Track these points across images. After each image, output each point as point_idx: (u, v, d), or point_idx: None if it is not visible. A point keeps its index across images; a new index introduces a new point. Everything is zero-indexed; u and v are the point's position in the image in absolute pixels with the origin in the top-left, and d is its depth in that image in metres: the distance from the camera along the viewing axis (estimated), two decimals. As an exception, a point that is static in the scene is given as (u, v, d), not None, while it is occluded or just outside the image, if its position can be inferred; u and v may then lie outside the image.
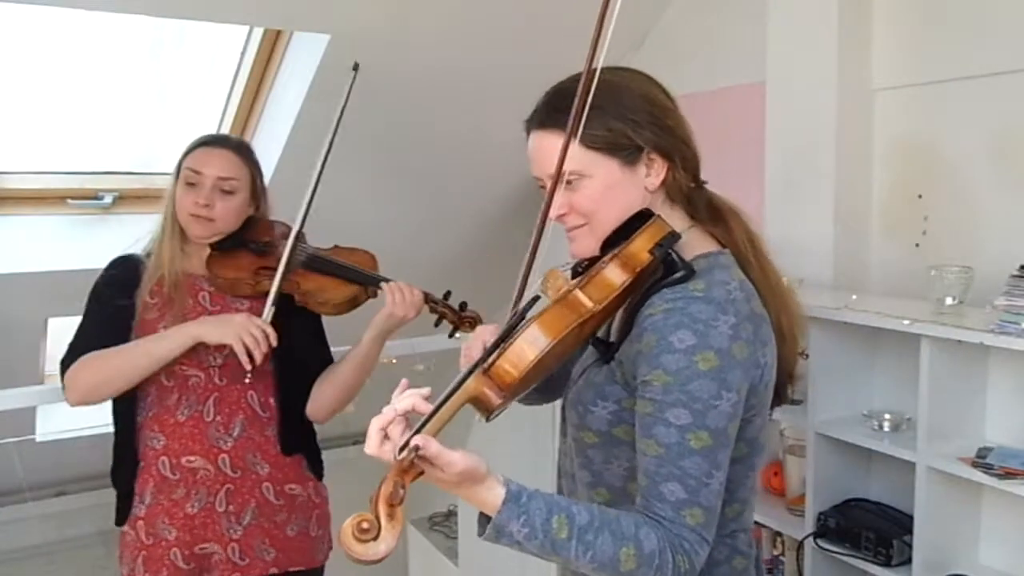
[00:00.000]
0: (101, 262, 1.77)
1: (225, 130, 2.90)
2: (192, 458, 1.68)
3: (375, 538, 0.87)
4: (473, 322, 1.84)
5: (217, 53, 2.83)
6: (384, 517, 0.88)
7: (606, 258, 1.08)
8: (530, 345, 0.98)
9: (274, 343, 1.63)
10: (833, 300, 1.97)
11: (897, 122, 2.15)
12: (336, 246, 1.85)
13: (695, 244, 1.14)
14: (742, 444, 1.11)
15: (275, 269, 1.71)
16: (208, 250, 1.74)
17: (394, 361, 2.16)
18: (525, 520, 0.97)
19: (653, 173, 1.12)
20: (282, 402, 1.76)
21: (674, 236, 1.08)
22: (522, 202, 3.48)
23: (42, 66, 2.76)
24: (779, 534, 2.15)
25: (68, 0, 2.16)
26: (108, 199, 2.88)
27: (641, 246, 1.06)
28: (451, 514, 4.07)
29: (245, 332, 1.60)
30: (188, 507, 1.68)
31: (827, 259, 2.17)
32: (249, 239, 1.76)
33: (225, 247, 1.74)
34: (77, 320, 1.74)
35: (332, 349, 1.85)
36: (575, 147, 1.09)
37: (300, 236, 1.79)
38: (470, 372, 0.99)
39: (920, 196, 2.10)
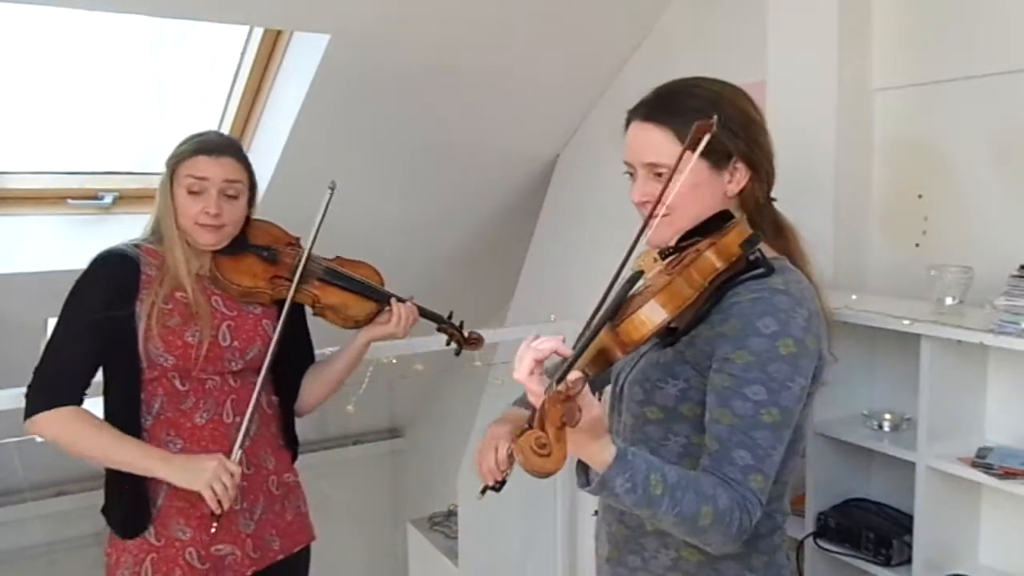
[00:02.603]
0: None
1: (225, 130, 2.90)
2: None
3: (548, 455, 0.94)
4: (477, 342, 1.97)
5: (217, 53, 2.83)
6: (554, 439, 0.95)
7: (701, 246, 1.17)
8: (654, 313, 1.09)
9: (238, 480, 1.59)
10: (833, 300, 1.96)
11: (897, 122, 2.15)
12: (339, 257, 1.86)
13: (763, 249, 1.25)
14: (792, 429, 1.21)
15: (289, 279, 1.73)
16: (211, 252, 1.71)
17: (394, 361, 2.16)
18: (629, 476, 1.05)
19: (735, 181, 1.25)
20: (283, 399, 1.81)
21: (758, 236, 1.19)
22: (521, 203, 3.48)
23: (42, 66, 2.76)
24: (779, 534, 2.16)
25: (68, 0, 2.16)
26: (108, 199, 2.89)
27: (733, 240, 1.16)
28: (451, 514, 4.07)
29: (216, 480, 1.55)
30: (205, 507, 1.63)
31: (827, 259, 2.17)
32: (252, 243, 1.75)
33: (230, 250, 1.72)
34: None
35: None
36: (672, 143, 1.21)
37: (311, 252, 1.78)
38: (600, 327, 1.09)
39: (920, 196, 2.10)
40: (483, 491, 1.36)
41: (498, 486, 1.38)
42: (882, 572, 1.86)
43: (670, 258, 1.22)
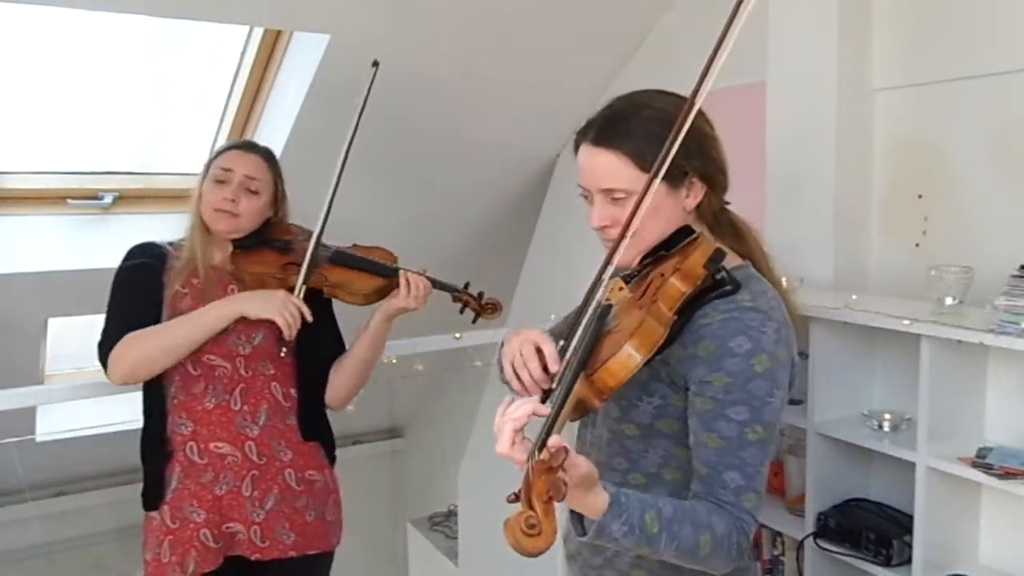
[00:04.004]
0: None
1: (225, 130, 2.92)
2: (220, 444, 1.75)
3: (539, 533, 0.92)
4: (495, 308, 1.96)
5: (217, 53, 2.84)
6: (543, 513, 0.93)
7: (665, 270, 1.16)
8: (629, 359, 1.07)
9: (309, 318, 1.73)
10: (833, 300, 1.97)
11: (897, 122, 2.15)
12: (356, 244, 1.91)
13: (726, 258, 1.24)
14: None
15: (300, 264, 1.80)
16: (230, 247, 1.80)
17: (394, 361, 2.16)
18: (625, 519, 1.05)
19: (692, 195, 1.24)
20: (302, 391, 1.84)
21: (722, 253, 1.17)
22: (523, 202, 3.48)
23: (42, 66, 2.76)
24: (779, 534, 2.15)
25: (68, 0, 2.16)
26: (108, 199, 2.89)
27: (697, 261, 1.15)
28: (451, 514, 4.08)
29: (285, 308, 1.70)
30: (216, 489, 1.74)
31: (827, 259, 2.17)
32: (270, 238, 1.84)
33: (247, 245, 1.81)
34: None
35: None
36: (627, 167, 1.19)
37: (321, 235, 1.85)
38: (575, 379, 1.07)
39: (920, 196, 2.10)
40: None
41: (544, 399, 1.26)
42: (882, 572, 1.86)
43: (634, 281, 1.21)
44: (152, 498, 1.76)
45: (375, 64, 1.86)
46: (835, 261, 2.17)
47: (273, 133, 2.80)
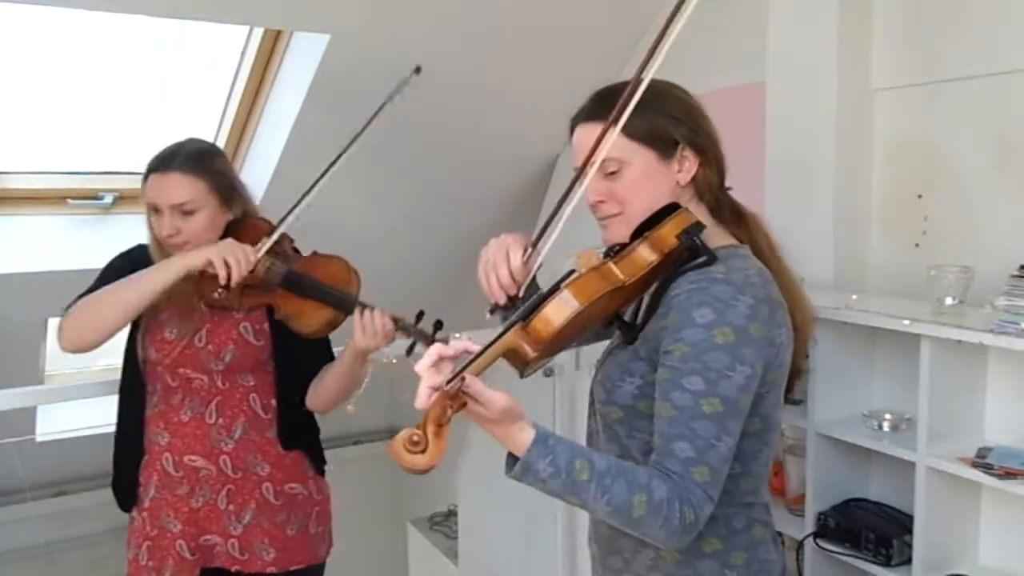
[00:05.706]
0: (101, 262, 1.78)
1: (225, 130, 2.90)
2: (194, 457, 1.73)
3: (422, 451, 0.97)
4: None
5: (217, 53, 2.83)
6: (432, 435, 0.98)
7: (637, 241, 1.17)
8: (563, 306, 1.08)
9: (249, 270, 1.62)
10: (833, 300, 1.97)
11: (897, 122, 2.15)
12: (315, 252, 1.82)
13: (717, 238, 1.24)
14: (756, 419, 1.20)
15: (257, 288, 1.71)
16: None
17: (394, 361, 2.16)
18: (551, 460, 1.06)
19: (685, 168, 1.24)
20: (283, 401, 1.80)
21: (699, 225, 1.18)
22: (521, 203, 3.48)
23: (42, 66, 2.76)
24: (779, 534, 2.15)
25: (68, 0, 2.16)
26: (108, 199, 2.89)
27: (670, 231, 1.16)
28: (451, 514, 4.07)
29: (228, 252, 1.60)
30: (192, 502, 1.73)
31: (827, 259, 2.17)
32: None
33: None
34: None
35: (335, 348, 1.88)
36: (618, 136, 1.20)
37: (282, 239, 1.77)
38: (510, 326, 1.09)
39: (920, 196, 2.10)
40: (492, 311, 1.27)
41: (511, 304, 1.26)
42: (882, 572, 1.86)
43: (614, 255, 1.20)
44: (125, 499, 1.76)
45: (417, 70, 1.74)
46: (835, 261, 2.17)
47: (273, 133, 2.80)
